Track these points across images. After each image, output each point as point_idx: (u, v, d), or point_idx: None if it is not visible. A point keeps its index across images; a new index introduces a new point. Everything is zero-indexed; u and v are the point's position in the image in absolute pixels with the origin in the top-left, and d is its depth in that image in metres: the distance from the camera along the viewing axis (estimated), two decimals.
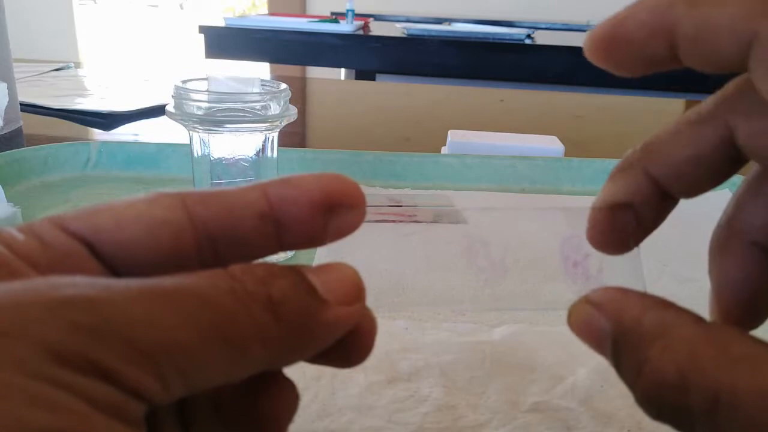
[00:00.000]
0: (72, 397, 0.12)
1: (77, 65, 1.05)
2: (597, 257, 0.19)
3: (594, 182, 0.55)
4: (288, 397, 0.18)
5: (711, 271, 0.19)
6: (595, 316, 0.16)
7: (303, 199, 0.16)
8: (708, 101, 0.17)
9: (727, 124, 0.16)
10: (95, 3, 4.79)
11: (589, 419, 0.26)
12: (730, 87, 0.17)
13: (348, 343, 0.17)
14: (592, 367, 0.29)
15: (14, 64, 0.66)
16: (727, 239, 0.18)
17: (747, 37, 0.14)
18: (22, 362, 0.11)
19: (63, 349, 0.12)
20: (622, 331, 0.16)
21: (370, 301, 0.17)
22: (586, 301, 0.17)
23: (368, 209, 0.17)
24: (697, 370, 0.14)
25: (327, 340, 0.16)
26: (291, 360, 0.16)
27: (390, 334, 0.31)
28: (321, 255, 0.35)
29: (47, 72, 0.97)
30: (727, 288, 0.18)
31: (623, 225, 0.18)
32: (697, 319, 0.15)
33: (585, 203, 0.18)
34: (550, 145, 0.59)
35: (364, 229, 0.17)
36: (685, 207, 0.19)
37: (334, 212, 0.16)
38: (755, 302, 0.18)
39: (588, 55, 0.16)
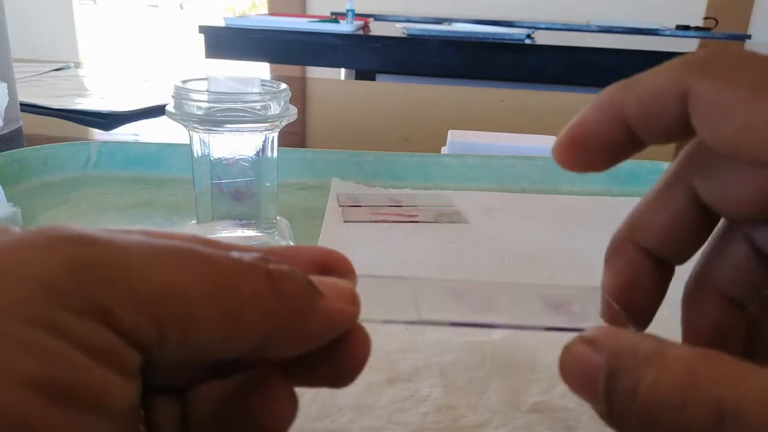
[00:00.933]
0: (65, 343, 0.12)
1: (77, 65, 1.05)
2: (579, 304, 0.20)
3: (594, 182, 0.55)
4: (286, 403, 0.18)
5: (682, 321, 0.19)
6: (588, 352, 0.16)
7: (304, 254, 0.18)
8: (674, 162, 0.18)
9: (691, 183, 0.17)
10: (95, 3, 4.79)
11: (589, 419, 0.26)
12: (690, 146, 0.18)
13: (342, 356, 0.17)
14: None
15: (14, 64, 0.66)
16: (696, 291, 0.19)
17: (684, 94, 0.15)
18: (19, 306, 0.12)
19: (61, 287, 0.12)
20: (617, 361, 0.15)
21: (367, 304, 0.17)
22: (581, 340, 0.17)
23: (368, 209, 0.17)
24: (696, 386, 0.14)
25: (322, 333, 0.16)
26: (287, 346, 0.16)
27: (390, 334, 0.31)
28: None
29: (47, 72, 0.97)
30: (695, 335, 0.19)
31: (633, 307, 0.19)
32: (692, 346, 0.15)
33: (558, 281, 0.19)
34: (550, 145, 0.59)
35: (364, 229, 0.17)
36: None
37: (329, 275, 0.18)
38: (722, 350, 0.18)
39: (557, 161, 0.18)
